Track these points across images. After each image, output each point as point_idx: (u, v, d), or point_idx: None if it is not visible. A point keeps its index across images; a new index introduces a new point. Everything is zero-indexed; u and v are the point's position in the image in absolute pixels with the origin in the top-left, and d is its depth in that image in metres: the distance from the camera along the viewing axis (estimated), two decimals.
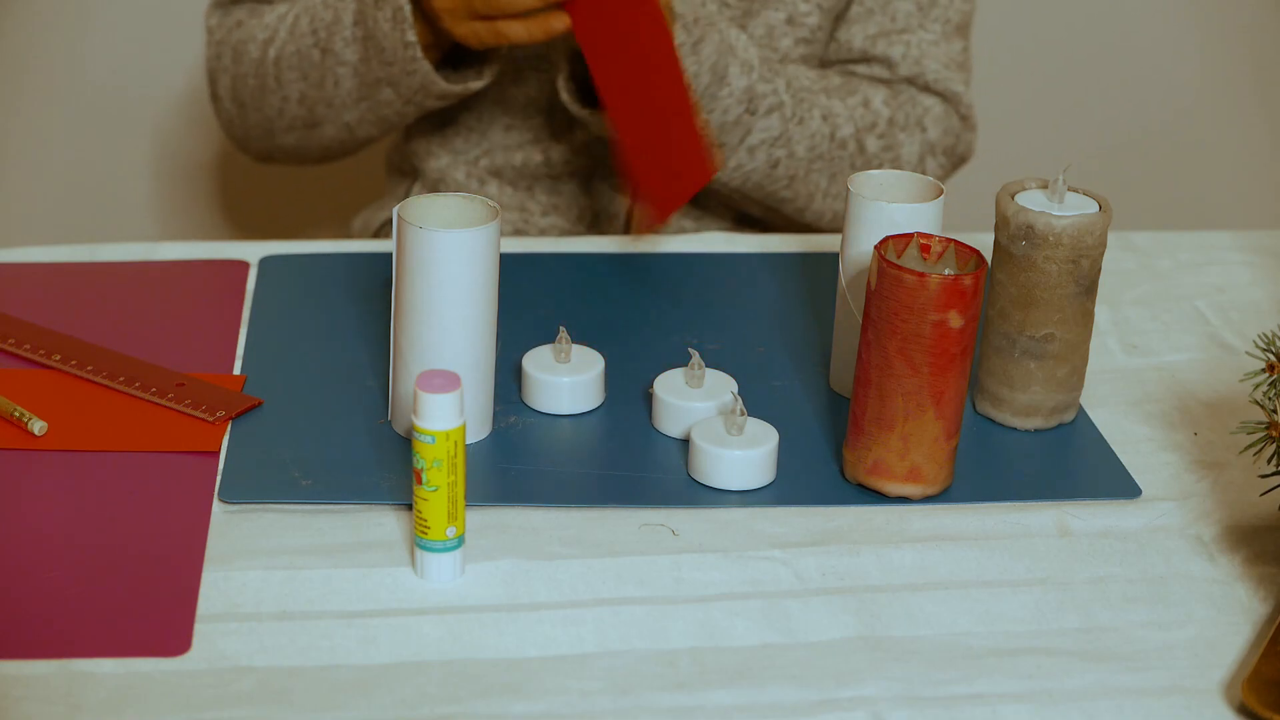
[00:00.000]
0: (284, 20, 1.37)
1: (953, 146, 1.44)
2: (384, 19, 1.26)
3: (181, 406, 1.06)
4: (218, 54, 1.43)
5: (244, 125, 1.44)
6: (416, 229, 0.98)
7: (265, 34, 1.38)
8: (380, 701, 0.84)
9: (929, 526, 0.99)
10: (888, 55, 1.41)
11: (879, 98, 1.39)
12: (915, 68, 1.41)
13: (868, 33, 1.41)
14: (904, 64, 1.41)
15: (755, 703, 0.85)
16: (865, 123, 1.37)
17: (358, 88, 1.33)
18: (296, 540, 0.95)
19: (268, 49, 1.37)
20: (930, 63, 1.41)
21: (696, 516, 0.99)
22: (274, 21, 1.38)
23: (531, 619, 0.90)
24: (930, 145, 1.42)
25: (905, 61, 1.41)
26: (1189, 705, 0.86)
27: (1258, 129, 2.21)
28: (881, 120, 1.38)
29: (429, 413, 0.89)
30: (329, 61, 1.33)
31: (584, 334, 1.15)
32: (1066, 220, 1.03)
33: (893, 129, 1.39)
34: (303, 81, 1.35)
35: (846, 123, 1.36)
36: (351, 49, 1.31)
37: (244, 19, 1.42)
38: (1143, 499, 1.02)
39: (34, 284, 1.23)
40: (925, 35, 1.41)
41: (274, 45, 1.37)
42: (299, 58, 1.35)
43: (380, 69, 1.30)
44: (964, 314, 0.96)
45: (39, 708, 0.83)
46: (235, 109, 1.43)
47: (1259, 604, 0.94)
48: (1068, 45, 2.14)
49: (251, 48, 1.39)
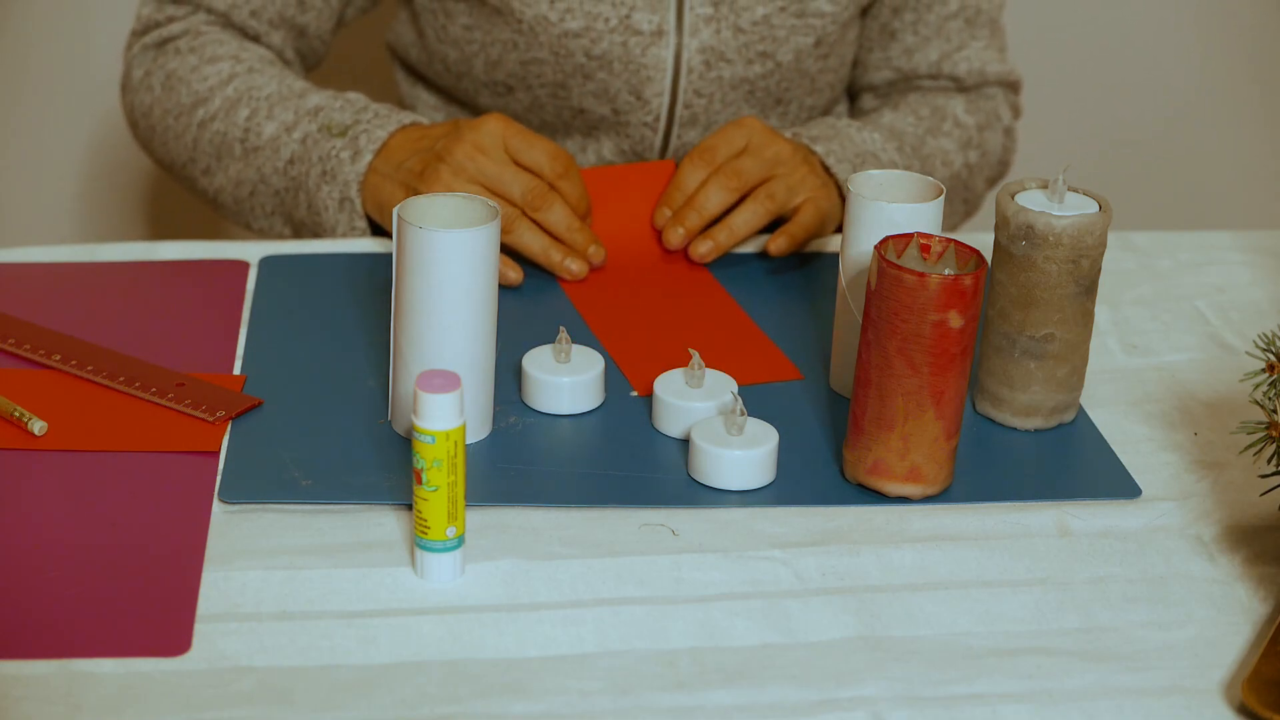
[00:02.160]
0: (221, 89, 1.33)
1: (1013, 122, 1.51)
2: (330, 197, 1.27)
3: (181, 406, 1.06)
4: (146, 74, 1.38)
5: (143, 134, 1.41)
6: (416, 229, 0.98)
7: (201, 87, 1.34)
8: (380, 701, 0.84)
9: (929, 526, 0.99)
10: (954, 74, 1.46)
11: (960, 108, 1.45)
12: (979, 77, 1.47)
13: (930, 60, 1.45)
14: (969, 78, 1.46)
15: (755, 703, 0.85)
16: (963, 141, 1.43)
17: (257, 199, 1.32)
18: (296, 540, 0.95)
19: (196, 110, 1.34)
20: (990, 67, 1.47)
21: (696, 516, 0.99)
22: (213, 80, 1.33)
23: (531, 619, 0.90)
24: (1007, 130, 1.49)
25: (970, 76, 1.46)
26: (1189, 705, 0.86)
27: (1258, 129, 2.21)
28: (972, 130, 1.44)
29: (429, 413, 0.89)
30: (246, 168, 1.31)
31: (584, 334, 1.15)
32: (1066, 220, 1.03)
33: (981, 134, 1.45)
34: (214, 160, 1.33)
35: (957, 153, 1.42)
36: (277, 178, 1.30)
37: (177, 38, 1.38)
38: (1143, 499, 1.02)
39: (34, 284, 1.23)
40: (977, 44, 1.46)
41: (203, 108, 1.33)
42: (221, 139, 1.32)
43: (294, 208, 1.30)
44: (964, 314, 0.96)
45: (39, 708, 0.83)
46: (143, 121, 1.40)
47: (1259, 604, 0.94)
48: (1068, 45, 2.14)
49: (183, 91, 1.35)
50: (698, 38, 1.35)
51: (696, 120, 1.38)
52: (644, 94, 1.36)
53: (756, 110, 1.41)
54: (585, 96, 1.37)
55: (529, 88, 1.38)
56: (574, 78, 1.36)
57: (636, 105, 1.37)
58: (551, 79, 1.37)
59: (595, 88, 1.36)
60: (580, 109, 1.38)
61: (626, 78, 1.35)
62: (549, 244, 1.23)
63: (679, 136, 1.39)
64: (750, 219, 1.24)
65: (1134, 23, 2.14)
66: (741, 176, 1.25)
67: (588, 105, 1.37)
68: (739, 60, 1.37)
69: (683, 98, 1.37)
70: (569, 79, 1.36)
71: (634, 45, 1.34)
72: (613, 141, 1.40)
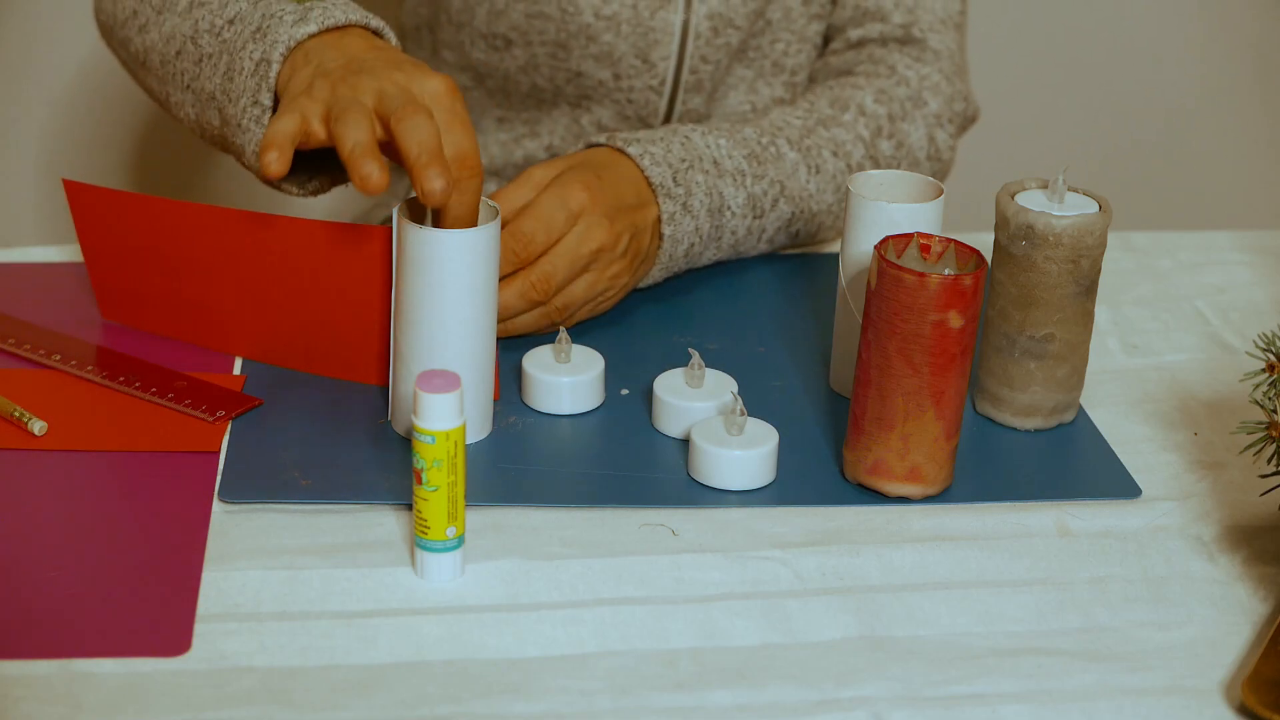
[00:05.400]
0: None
1: (961, 111, 1.41)
2: (250, 58, 1.10)
3: (181, 406, 1.06)
4: None
5: None
6: (416, 228, 0.98)
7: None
8: (380, 701, 0.84)
9: (929, 526, 0.99)
10: (880, 6, 1.39)
11: (868, 99, 1.35)
12: (909, 16, 1.39)
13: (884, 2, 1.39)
14: (897, 12, 1.39)
15: (755, 703, 0.85)
16: (870, 131, 1.35)
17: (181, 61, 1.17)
18: (296, 540, 0.95)
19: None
20: (925, 14, 1.39)
21: (696, 516, 0.99)
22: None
23: (531, 619, 0.90)
24: (935, 118, 1.39)
25: (899, 10, 1.39)
26: (1189, 705, 0.86)
27: (1258, 129, 2.21)
28: (882, 120, 1.36)
29: (429, 413, 0.89)
30: (184, 23, 1.17)
31: (584, 334, 1.15)
32: (1066, 220, 1.03)
33: (894, 123, 1.37)
34: (155, 14, 1.20)
35: (855, 144, 1.33)
36: (209, 39, 1.14)
37: None
38: (1143, 499, 1.02)
39: (34, 284, 1.23)
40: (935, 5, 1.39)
41: None
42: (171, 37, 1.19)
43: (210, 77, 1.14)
44: (964, 314, 0.96)
45: (39, 708, 0.83)
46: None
47: (1259, 604, 0.94)
48: (1068, 45, 2.14)
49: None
50: (706, 4, 1.34)
51: (701, 86, 1.38)
52: (650, 57, 1.35)
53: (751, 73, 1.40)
54: (585, 59, 1.36)
55: (528, 44, 1.36)
56: (577, 38, 1.34)
57: (642, 69, 1.36)
58: (554, 37, 1.35)
59: (597, 50, 1.35)
60: (577, 72, 1.37)
61: (634, 40, 1.34)
62: (370, 143, 0.98)
63: (684, 102, 1.38)
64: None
65: (1134, 23, 2.14)
66: (550, 281, 1.13)
67: (585, 69, 1.36)
68: (747, 27, 1.36)
69: (689, 63, 1.36)
70: (571, 39, 1.35)
71: (643, 7, 1.33)
72: (612, 109, 1.38)
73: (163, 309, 1.14)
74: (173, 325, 1.14)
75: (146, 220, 1.11)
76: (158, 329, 1.15)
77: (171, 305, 1.14)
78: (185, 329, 1.14)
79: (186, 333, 1.14)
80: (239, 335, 1.12)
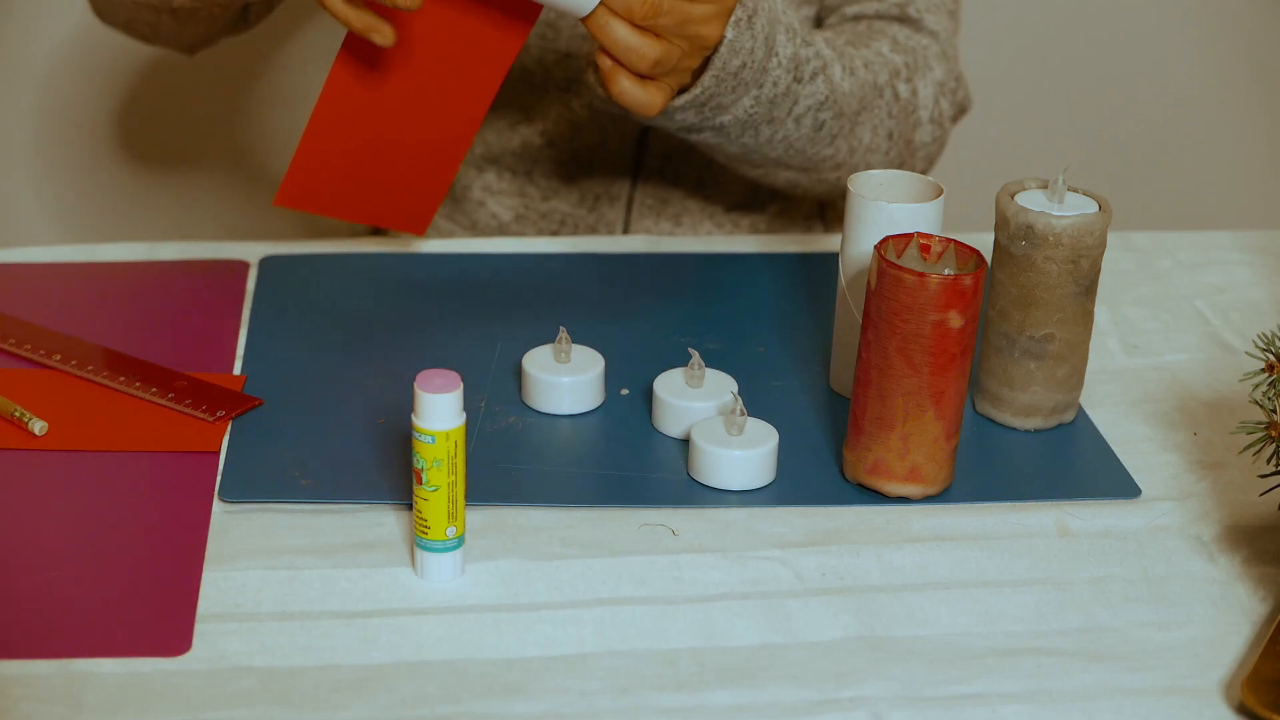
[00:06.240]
0: None
1: (954, 91, 1.40)
2: None
3: (181, 406, 1.06)
4: None
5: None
6: None
7: None
8: (380, 701, 0.84)
9: (929, 526, 0.99)
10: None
11: (886, 46, 1.34)
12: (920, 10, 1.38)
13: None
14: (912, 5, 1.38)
15: (755, 703, 0.85)
16: (891, 68, 1.33)
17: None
18: (296, 540, 0.95)
19: None
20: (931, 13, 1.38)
21: (696, 516, 0.99)
22: None
23: (531, 619, 0.90)
24: (940, 84, 1.38)
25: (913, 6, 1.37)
26: (1189, 705, 0.86)
27: (1257, 129, 2.21)
28: (900, 65, 1.34)
29: (429, 413, 0.89)
30: None
31: (584, 334, 1.15)
32: (1066, 220, 1.03)
33: (910, 71, 1.35)
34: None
35: (882, 69, 1.31)
36: None
37: None
38: (1143, 499, 1.02)
39: (34, 284, 1.23)
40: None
41: None
42: None
43: None
44: (964, 314, 0.96)
45: (39, 708, 0.83)
46: None
47: (1259, 604, 0.94)
48: (1067, 45, 2.14)
49: None
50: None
51: None
52: None
53: None
54: (574, 39, 1.34)
55: None
56: (565, 16, 1.33)
57: None
58: (543, 17, 1.34)
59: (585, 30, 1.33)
60: (566, 53, 1.36)
61: None
62: None
63: None
64: None
65: (1134, 22, 2.14)
66: None
67: (575, 49, 1.35)
68: None
69: None
70: (560, 17, 1.34)
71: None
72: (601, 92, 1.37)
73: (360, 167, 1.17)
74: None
75: None
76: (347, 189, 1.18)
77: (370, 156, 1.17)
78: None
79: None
80: None
